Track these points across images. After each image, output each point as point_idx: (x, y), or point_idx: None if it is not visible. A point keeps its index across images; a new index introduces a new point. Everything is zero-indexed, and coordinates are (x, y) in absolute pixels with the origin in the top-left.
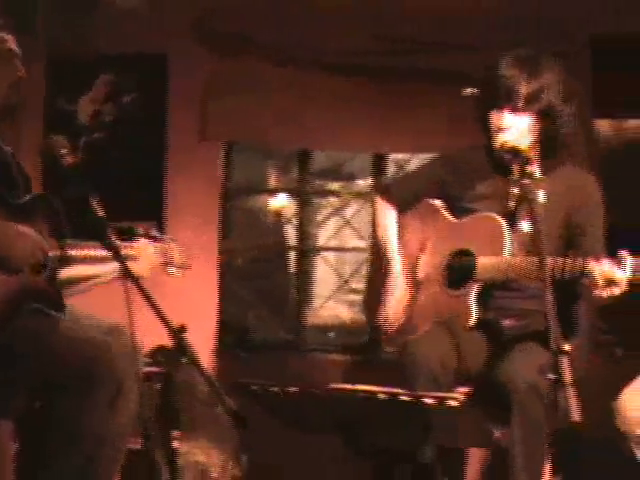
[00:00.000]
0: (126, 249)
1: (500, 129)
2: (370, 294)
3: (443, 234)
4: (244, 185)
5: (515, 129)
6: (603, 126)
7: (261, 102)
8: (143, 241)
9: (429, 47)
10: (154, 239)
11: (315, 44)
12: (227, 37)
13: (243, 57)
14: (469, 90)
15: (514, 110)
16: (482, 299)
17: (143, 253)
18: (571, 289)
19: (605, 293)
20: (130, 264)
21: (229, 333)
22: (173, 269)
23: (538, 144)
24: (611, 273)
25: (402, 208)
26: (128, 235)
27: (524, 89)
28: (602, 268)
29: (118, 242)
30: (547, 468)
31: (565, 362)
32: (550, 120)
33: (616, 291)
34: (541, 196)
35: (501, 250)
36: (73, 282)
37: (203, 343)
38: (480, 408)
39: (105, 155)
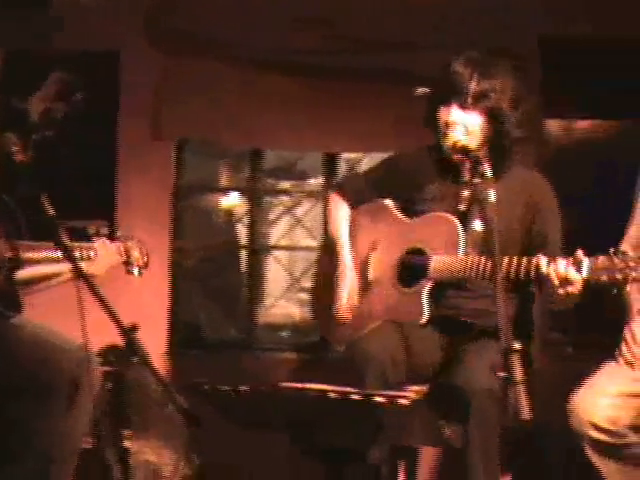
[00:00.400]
0: (83, 249)
1: (447, 125)
2: (318, 292)
3: (395, 233)
4: (196, 184)
5: (462, 126)
6: (553, 126)
7: (213, 101)
8: (101, 240)
9: (379, 47)
10: (113, 239)
11: (266, 44)
12: (179, 36)
13: (195, 56)
14: (421, 90)
15: (462, 106)
16: (434, 298)
17: (101, 252)
18: (524, 289)
19: (561, 292)
20: (87, 263)
21: (181, 332)
22: (135, 269)
23: (488, 145)
24: (567, 273)
25: (354, 206)
26: (80, 235)
27: (473, 86)
28: (558, 268)
29: (72, 242)
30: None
31: (515, 361)
32: (499, 122)
33: (571, 290)
34: (492, 196)
35: (455, 250)
36: (30, 282)
37: (155, 343)
38: (431, 407)
39: (56, 153)
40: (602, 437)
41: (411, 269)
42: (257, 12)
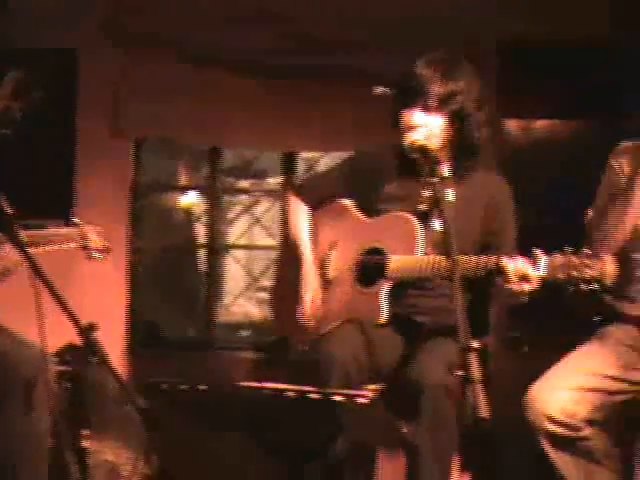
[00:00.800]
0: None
1: (411, 127)
2: (278, 292)
3: (354, 233)
4: (154, 183)
5: (425, 128)
6: (511, 126)
7: (171, 100)
8: (56, 227)
9: (338, 47)
10: (69, 224)
11: (224, 44)
12: (138, 35)
13: (153, 55)
14: (380, 89)
15: (426, 109)
16: (393, 297)
17: (55, 239)
18: (482, 288)
19: (517, 289)
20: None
21: (139, 332)
22: (96, 253)
23: (448, 146)
24: (525, 270)
25: (314, 206)
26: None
27: (437, 89)
28: (516, 265)
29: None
30: (456, 465)
31: (473, 359)
32: (462, 123)
33: (528, 288)
34: (450, 195)
35: (414, 250)
36: None
37: (113, 342)
38: (390, 405)
39: (13, 152)
40: (558, 430)
41: (370, 269)
42: (216, 11)
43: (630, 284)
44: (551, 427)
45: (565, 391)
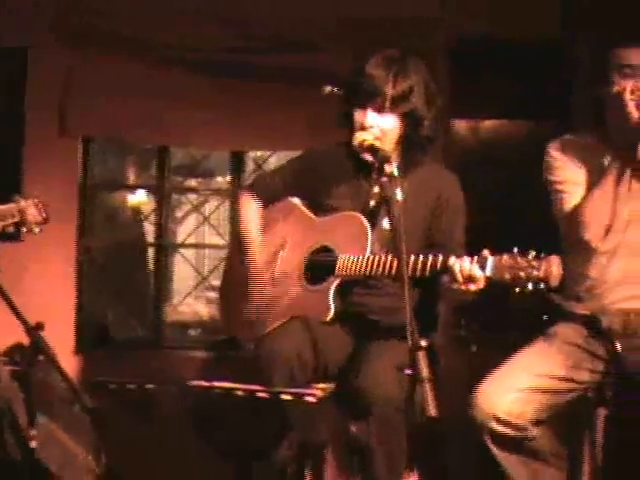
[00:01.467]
0: None
1: (363, 128)
2: (227, 290)
3: (304, 231)
4: (103, 181)
5: (377, 129)
6: (460, 126)
7: (120, 99)
8: None
9: (288, 47)
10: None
11: (174, 42)
12: (87, 33)
13: (102, 53)
14: (329, 88)
15: (378, 110)
16: (341, 295)
17: None
18: (430, 287)
19: (463, 289)
20: None
21: (88, 331)
22: (35, 227)
23: (399, 144)
24: (471, 271)
25: (265, 204)
26: None
27: (390, 90)
28: (463, 265)
29: None
30: (405, 463)
31: (422, 358)
32: (413, 122)
33: (474, 288)
34: (399, 194)
35: (363, 249)
36: None
37: (62, 341)
38: (338, 404)
39: None
40: (504, 430)
41: (319, 267)
42: (165, 10)
43: (577, 283)
44: (498, 427)
45: (513, 392)
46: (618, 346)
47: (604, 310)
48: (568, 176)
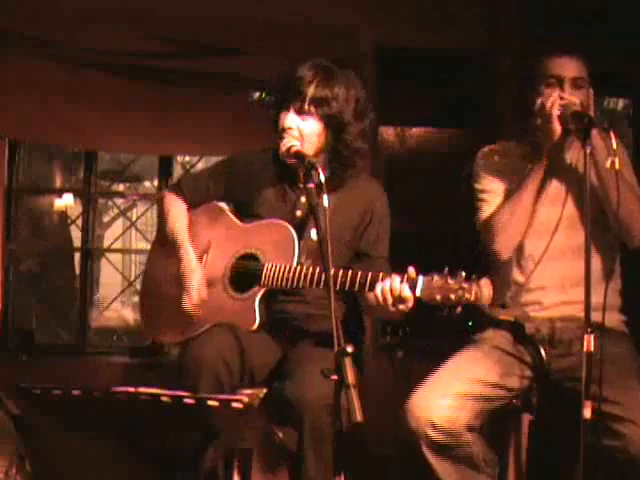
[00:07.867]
0: None
1: (284, 130)
2: (149, 293)
3: (229, 236)
4: (29, 185)
5: (297, 131)
6: (387, 133)
7: (44, 102)
8: None
9: (215, 52)
10: None
11: (99, 45)
12: (8, 35)
13: (25, 56)
14: (256, 95)
15: (300, 112)
16: (266, 303)
17: None
18: (356, 295)
19: (392, 309)
20: None
21: (12, 336)
22: None
23: (325, 152)
24: (401, 291)
25: (190, 205)
26: None
27: (311, 91)
28: (393, 285)
29: None
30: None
31: (348, 363)
32: (339, 131)
33: (403, 308)
34: (326, 203)
35: (290, 258)
36: None
37: None
38: (265, 410)
39: None
40: (439, 437)
41: (244, 274)
42: (89, 12)
43: (502, 289)
44: (432, 434)
45: (447, 398)
46: (543, 352)
47: (529, 316)
48: (490, 185)
